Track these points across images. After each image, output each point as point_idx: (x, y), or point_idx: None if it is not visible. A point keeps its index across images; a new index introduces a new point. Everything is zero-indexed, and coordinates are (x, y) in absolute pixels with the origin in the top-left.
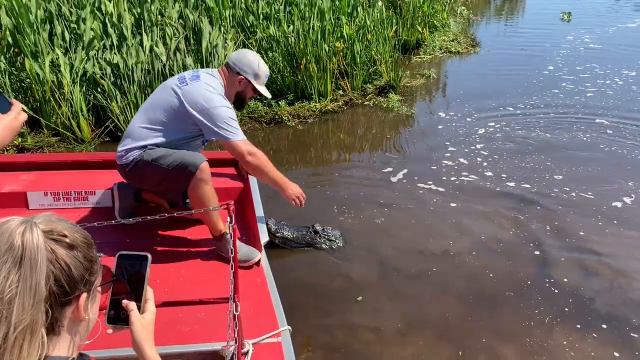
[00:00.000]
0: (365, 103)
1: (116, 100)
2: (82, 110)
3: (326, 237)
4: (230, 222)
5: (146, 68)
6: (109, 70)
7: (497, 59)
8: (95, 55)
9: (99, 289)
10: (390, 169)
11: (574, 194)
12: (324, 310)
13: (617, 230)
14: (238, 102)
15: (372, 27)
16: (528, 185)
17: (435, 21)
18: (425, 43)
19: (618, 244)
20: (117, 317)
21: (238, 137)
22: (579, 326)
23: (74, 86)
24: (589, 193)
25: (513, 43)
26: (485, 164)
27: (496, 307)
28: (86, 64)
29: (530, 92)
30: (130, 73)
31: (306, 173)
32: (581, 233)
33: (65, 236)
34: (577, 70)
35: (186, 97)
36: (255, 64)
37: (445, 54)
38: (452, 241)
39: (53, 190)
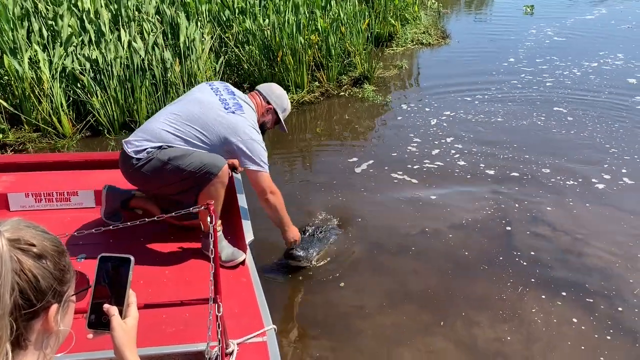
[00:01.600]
0: (341, 94)
1: (96, 95)
2: (62, 106)
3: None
4: (211, 222)
5: (125, 63)
6: (88, 65)
7: (466, 50)
8: (73, 51)
9: (73, 298)
10: (363, 157)
11: (538, 174)
12: (309, 291)
13: (580, 206)
14: (260, 130)
15: (345, 20)
16: (495, 169)
17: (406, 14)
18: (398, 35)
19: (581, 219)
20: (98, 322)
21: (266, 169)
22: (544, 296)
23: (53, 82)
24: (553, 175)
25: (481, 35)
26: (453, 150)
27: (471, 280)
28: (65, 60)
29: (494, 81)
30: (109, 68)
31: (285, 161)
32: (548, 209)
33: (33, 245)
34: (537, 62)
35: (232, 126)
36: (284, 99)
37: (416, 45)
38: (427, 223)
39: (34, 191)
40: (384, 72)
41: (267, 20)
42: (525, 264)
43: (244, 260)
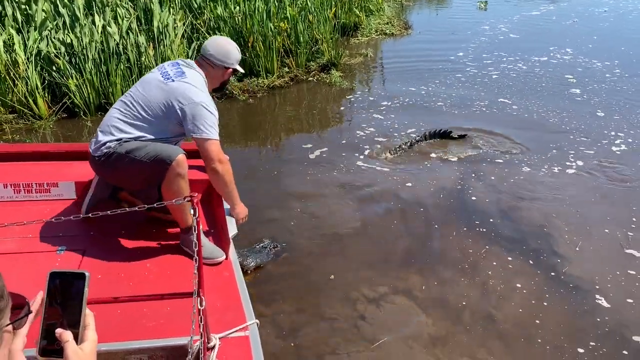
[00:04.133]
0: (310, 79)
1: (72, 78)
2: (37, 88)
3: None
4: (194, 214)
5: (99, 48)
6: (63, 49)
7: (428, 41)
8: (48, 35)
9: (9, 327)
10: (323, 140)
11: (489, 149)
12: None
13: (530, 175)
14: (221, 87)
15: (313, 9)
16: (452, 152)
17: (370, 5)
18: (362, 26)
19: (530, 186)
20: (52, 349)
21: (213, 136)
22: (500, 255)
23: (29, 65)
24: (503, 149)
25: (440, 27)
26: (407, 130)
27: (438, 243)
28: (40, 43)
29: (451, 69)
30: (84, 52)
31: (257, 144)
32: (503, 182)
33: None
34: (488, 55)
35: (173, 93)
36: (236, 52)
37: (380, 35)
38: (396, 196)
39: (13, 182)
40: (350, 60)
41: (237, 7)
42: (484, 230)
43: (227, 255)
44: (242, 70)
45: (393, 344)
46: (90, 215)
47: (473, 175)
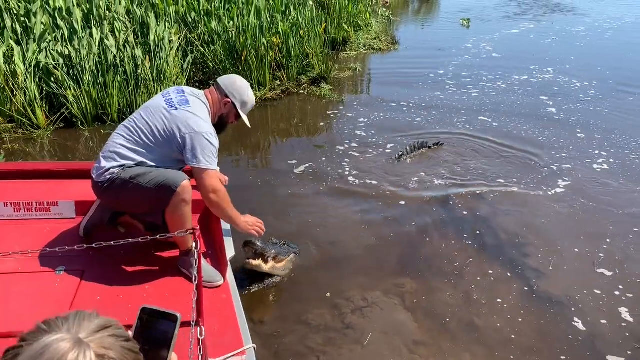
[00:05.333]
0: (301, 92)
1: (70, 89)
2: (36, 99)
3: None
4: (196, 247)
5: (97, 60)
6: (61, 61)
7: (413, 56)
8: (47, 47)
9: None
10: (312, 154)
11: (471, 170)
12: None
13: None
14: (219, 125)
15: (304, 25)
16: (436, 170)
17: (359, 21)
18: (351, 41)
19: (513, 201)
20: None
21: (211, 166)
22: (484, 264)
23: (27, 76)
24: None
25: (426, 43)
26: (391, 144)
27: (421, 244)
28: (39, 55)
29: (432, 87)
30: (82, 64)
31: (247, 155)
32: (488, 196)
33: None
34: (470, 73)
35: (175, 121)
36: (244, 91)
37: (368, 50)
38: (384, 205)
39: (13, 200)
40: (339, 73)
41: (231, 22)
42: (470, 242)
43: (225, 278)
44: (246, 120)
45: (382, 344)
46: (94, 245)
47: (458, 191)
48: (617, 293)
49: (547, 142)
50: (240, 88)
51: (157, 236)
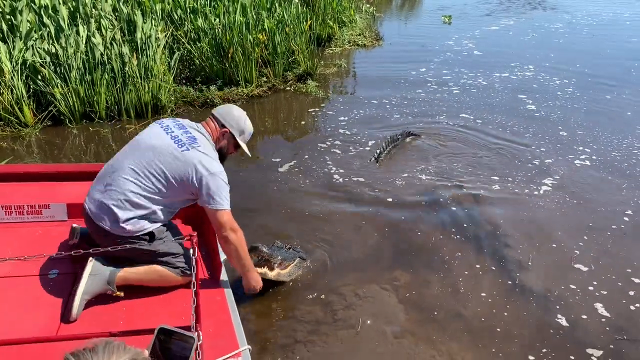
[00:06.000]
0: (287, 88)
1: (58, 87)
2: (23, 97)
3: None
4: (193, 254)
5: (84, 58)
6: (48, 59)
7: (397, 51)
8: (33, 45)
9: None
10: (296, 151)
11: (454, 165)
12: None
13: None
14: (219, 156)
15: (289, 22)
16: (422, 166)
17: (343, 17)
18: (336, 37)
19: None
20: None
21: (226, 206)
22: (470, 257)
23: (14, 73)
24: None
25: (409, 39)
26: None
27: (409, 239)
28: (25, 53)
29: (417, 81)
30: (69, 62)
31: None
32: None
33: None
34: (448, 71)
35: (190, 164)
36: (242, 120)
37: (353, 46)
38: (369, 199)
39: (5, 203)
40: (325, 70)
41: (217, 20)
42: (458, 237)
43: (219, 279)
44: (245, 148)
45: (373, 334)
46: (91, 251)
47: (445, 187)
48: (590, 288)
49: (530, 138)
50: (237, 117)
51: (152, 244)
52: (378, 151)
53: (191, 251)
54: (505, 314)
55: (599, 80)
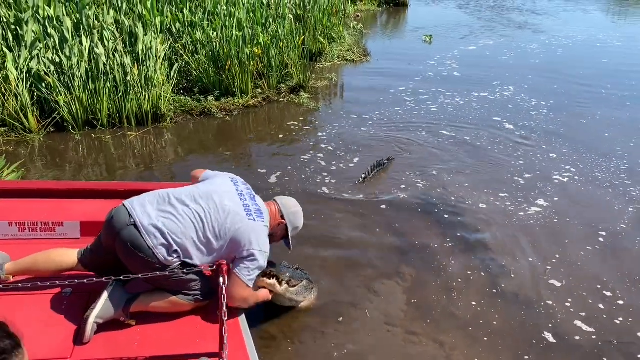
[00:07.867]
0: (281, 100)
1: (62, 94)
2: (28, 104)
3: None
4: (224, 282)
5: (87, 67)
6: (52, 68)
7: (383, 68)
8: (38, 54)
9: None
10: (284, 164)
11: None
12: None
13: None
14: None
15: (283, 37)
16: (405, 187)
17: (333, 33)
18: (325, 52)
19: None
20: None
21: (251, 284)
22: (462, 258)
23: (20, 81)
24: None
25: (394, 55)
26: (358, 158)
27: (404, 246)
28: (30, 61)
29: (397, 100)
30: (73, 71)
31: (234, 157)
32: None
33: None
34: (434, 89)
35: (250, 235)
36: (299, 217)
37: (342, 61)
38: (364, 198)
39: (18, 220)
40: (316, 83)
41: (215, 33)
42: (449, 239)
43: (239, 311)
44: (290, 244)
45: (372, 329)
46: (104, 279)
47: (432, 201)
48: (566, 290)
49: (510, 156)
50: (296, 213)
51: (183, 271)
52: (364, 175)
53: (221, 280)
54: (494, 313)
55: (574, 100)
